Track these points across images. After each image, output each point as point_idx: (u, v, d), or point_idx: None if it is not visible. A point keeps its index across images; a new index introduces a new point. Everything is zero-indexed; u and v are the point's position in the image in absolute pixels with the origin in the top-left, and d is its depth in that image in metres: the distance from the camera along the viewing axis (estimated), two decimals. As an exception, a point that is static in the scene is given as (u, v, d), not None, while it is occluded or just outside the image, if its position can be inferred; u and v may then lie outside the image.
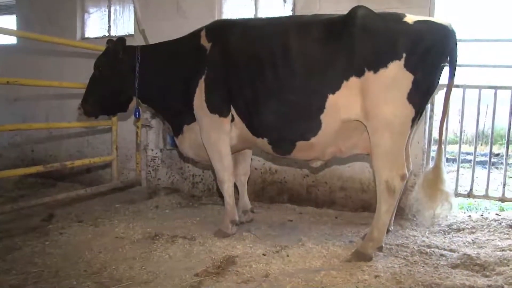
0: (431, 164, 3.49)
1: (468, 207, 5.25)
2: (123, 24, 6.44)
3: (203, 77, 3.83)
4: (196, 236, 3.86)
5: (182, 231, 4.02)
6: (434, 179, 3.38)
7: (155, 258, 3.39)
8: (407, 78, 3.19)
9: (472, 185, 4.76)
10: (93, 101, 4.19)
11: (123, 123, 5.93)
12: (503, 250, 3.50)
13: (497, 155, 9.12)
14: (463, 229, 4.16)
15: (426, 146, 4.80)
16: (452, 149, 8.26)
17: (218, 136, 3.88)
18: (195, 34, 4.03)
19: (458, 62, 3.34)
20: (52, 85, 4.75)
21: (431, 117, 4.77)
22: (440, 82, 3.44)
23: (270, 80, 3.57)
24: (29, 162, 6.75)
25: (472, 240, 3.83)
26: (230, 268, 3.16)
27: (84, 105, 4.20)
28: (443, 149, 3.42)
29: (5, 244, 3.64)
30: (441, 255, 3.45)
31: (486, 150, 8.86)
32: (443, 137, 3.50)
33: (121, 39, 4.18)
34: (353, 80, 3.32)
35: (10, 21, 7.21)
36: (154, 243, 3.68)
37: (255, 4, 5.65)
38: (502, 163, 7.71)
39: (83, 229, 4.03)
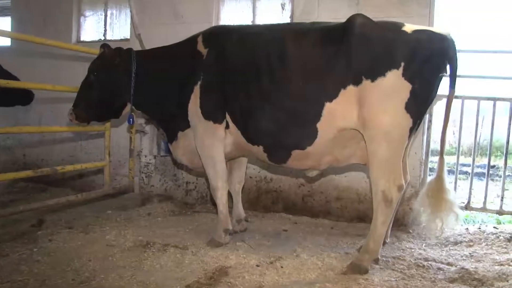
0: (432, 175, 3.42)
1: (465, 219, 5.19)
2: (119, 28, 6.38)
3: (199, 82, 3.78)
4: (189, 245, 3.78)
5: (174, 239, 3.94)
6: (437, 190, 3.31)
7: (145, 267, 3.30)
8: (405, 88, 3.15)
9: (469, 197, 4.71)
10: (85, 106, 4.09)
11: (117, 128, 5.86)
12: (501, 265, 3.45)
13: (493, 167, 9.10)
14: (461, 242, 4.11)
15: (424, 157, 4.75)
16: (448, 160, 8.22)
17: (212, 143, 3.82)
18: (192, 40, 4.00)
19: (457, 73, 3.28)
20: (45, 88, 4.67)
21: (429, 127, 4.73)
22: (439, 93, 3.40)
23: (266, 87, 3.53)
24: (21, 166, 6.64)
25: (470, 254, 3.78)
26: (222, 279, 3.08)
27: (76, 111, 4.08)
28: (444, 159, 3.37)
29: (-9, 250, 3.55)
30: (439, 268, 3.39)
31: (482, 161, 8.87)
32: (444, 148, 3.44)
33: (118, 48, 4.15)
34: (351, 88, 3.27)
35: (5, 23, 7.14)
36: (145, 252, 3.60)
37: (253, 11, 5.62)
38: (497, 175, 7.72)
39: (73, 236, 3.94)
